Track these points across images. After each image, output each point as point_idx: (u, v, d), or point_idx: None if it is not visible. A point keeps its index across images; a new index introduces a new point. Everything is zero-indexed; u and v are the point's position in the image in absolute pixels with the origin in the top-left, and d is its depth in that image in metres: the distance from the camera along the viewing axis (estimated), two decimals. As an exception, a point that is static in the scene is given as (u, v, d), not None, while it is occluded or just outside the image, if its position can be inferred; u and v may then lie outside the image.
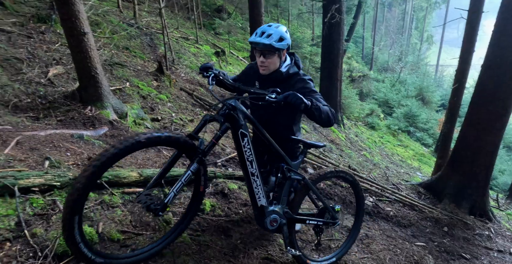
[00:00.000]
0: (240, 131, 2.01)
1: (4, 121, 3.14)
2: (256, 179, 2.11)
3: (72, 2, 3.69)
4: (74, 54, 3.78)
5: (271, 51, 2.16)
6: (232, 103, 2.00)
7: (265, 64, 2.21)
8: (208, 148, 1.97)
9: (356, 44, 25.30)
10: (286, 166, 2.31)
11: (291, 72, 2.30)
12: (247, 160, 2.06)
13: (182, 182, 1.86)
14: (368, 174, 6.26)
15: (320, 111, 2.09)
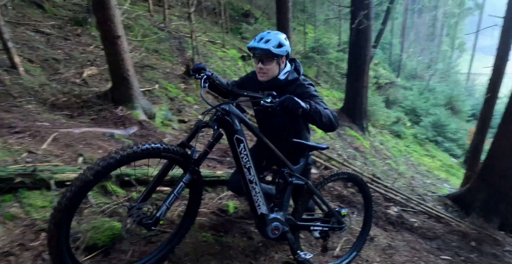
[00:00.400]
0: (235, 137, 1.90)
1: (43, 118, 3.32)
2: (255, 186, 2.01)
3: (108, 7, 3.87)
4: (108, 56, 3.96)
5: (269, 57, 2.09)
6: (225, 108, 1.88)
7: (263, 71, 2.13)
8: (201, 157, 1.85)
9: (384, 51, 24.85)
10: (287, 170, 2.19)
11: (290, 78, 2.20)
12: (245, 167, 1.95)
13: (175, 195, 1.76)
14: (393, 183, 6.11)
15: (321, 115, 1.93)
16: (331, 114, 2.01)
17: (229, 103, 1.90)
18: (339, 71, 14.32)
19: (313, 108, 1.89)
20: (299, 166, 2.26)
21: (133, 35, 7.58)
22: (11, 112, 3.29)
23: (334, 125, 2.04)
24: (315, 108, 1.91)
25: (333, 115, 2.03)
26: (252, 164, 1.97)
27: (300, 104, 1.80)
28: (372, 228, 3.94)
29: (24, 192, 2.13)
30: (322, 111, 1.95)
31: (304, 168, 2.32)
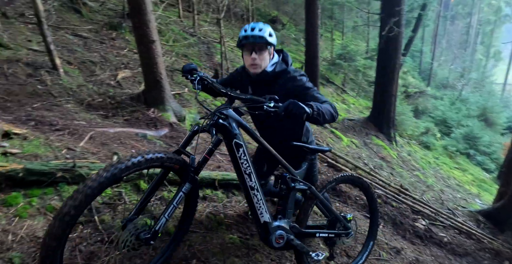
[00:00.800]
0: (234, 142, 1.80)
1: (80, 117, 3.48)
2: (257, 193, 1.90)
3: (145, 12, 4.02)
4: (142, 59, 4.11)
5: (263, 46, 2.00)
6: (223, 112, 1.79)
7: (256, 62, 2.01)
8: (200, 165, 1.76)
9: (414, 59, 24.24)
10: (289, 175, 2.09)
11: (278, 70, 2.08)
12: (245, 173, 1.85)
13: (174, 206, 1.66)
14: (421, 195, 5.92)
15: (323, 115, 1.83)
16: (331, 108, 1.92)
17: (227, 107, 1.81)
18: (367, 78, 14.10)
19: (316, 111, 1.78)
20: (301, 170, 2.18)
21: (165, 40, 7.82)
22: (52, 111, 3.47)
23: (335, 117, 1.95)
24: (318, 109, 1.79)
25: (333, 108, 1.94)
26: (252, 169, 1.87)
27: (305, 109, 1.70)
28: (399, 240, 3.84)
29: (63, 186, 2.24)
30: (324, 110, 1.84)
31: (307, 172, 2.24)
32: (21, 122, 3.13)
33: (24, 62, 4.32)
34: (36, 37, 5.38)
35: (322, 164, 4.82)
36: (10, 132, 2.87)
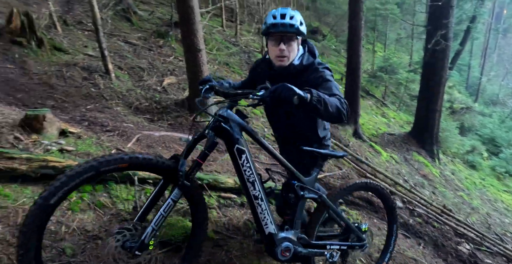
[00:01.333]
0: (236, 147, 1.67)
1: (128, 120, 3.68)
2: (261, 202, 1.76)
3: (193, 22, 4.20)
4: (188, 67, 4.27)
5: (293, 36, 1.80)
6: (223, 114, 1.66)
7: (284, 53, 1.82)
8: (192, 170, 1.63)
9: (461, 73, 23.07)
10: (298, 183, 1.93)
11: (306, 63, 1.89)
12: (248, 181, 1.72)
13: (162, 214, 1.55)
14: (466, 218, 5.56)
15: (326, 104, 1.58)
16: (339, 102, 1.68)
17: (226, 108, 1.69)
18: (409, 92, 13.61)
19: (316, 97, 1.55)
20: (311, 178, 2.00)
21: (208, 49, 8.07)
22: (103, 113, 3.70)
23: (343, 114, 1.68)
24: (318, 96, 1.56)
25: (342, 104, 1.69)
26: (256, 177, 1.74)
27: (295, 91, 1.48)
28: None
29: (112, 184, 2.37)
30: (327, 99, 1.60)
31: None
32: (76, 122, 3.36)
33: (80, 66, 4.66)
34: (92, 43, 5.78)
35: (360, 178, 4.69)
36: (67, 130, 3.09)
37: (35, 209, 1.32)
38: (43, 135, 2.91)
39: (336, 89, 1.80)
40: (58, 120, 3.11)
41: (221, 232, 2.28)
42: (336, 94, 1.75)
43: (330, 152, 2.05)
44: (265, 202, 1.79)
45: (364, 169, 4.93)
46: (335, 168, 4.70)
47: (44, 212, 1.34)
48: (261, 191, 1.77)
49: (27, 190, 2.26)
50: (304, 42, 1.99)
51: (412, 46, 17.85)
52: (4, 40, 4.58)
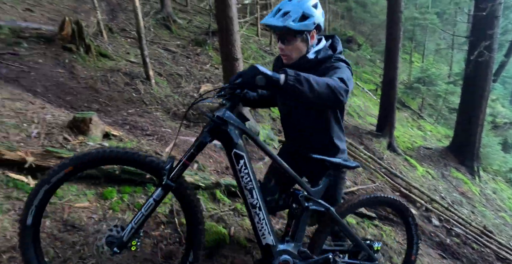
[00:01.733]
0: (234, 152, 1.56)
1: (166, 125, 3.81)
2: (259, 212, 1.65)
3: (232, 32, 4.30)
4: (226, 75, 4.37)
5: (290, 35, 1.65)
6: (221, 116, 1.54)
7: (284, 52, 1.72)
8: (177, 170, 1.53)
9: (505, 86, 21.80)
10: (302, 194, 1.78)
11: (321, 57, 1.72)
12: (245, 189, 1.62)
13: (143, 213, 1.51)
14: (508, 241, 5.21)
15: (310, 83, 1.37)
16: (331, 80, 1.45)
17: (225, 109, 1.57)
18: (448, 105, 13.06)
19: (293, 76, 1.36)
20: (319, 188, 1.82)
21: (244, 57, 8.22)
22: (143, 117, 3.86)
23: (339, 93, 1.43)
24: (297, 75, 1.37)
25: (334, 85, 1.43)
26: (255, 185, 1.63)
27: (258, 70, 1.33)
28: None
29: (150, 187, 2.47)
30: (312, 78, 1.40)
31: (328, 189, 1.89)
32: (118, 125, 3.53)
33: (123, 71, 4.90)
34: (134, 50, 6.08)
35: (394, 193, 4.55)
36: (110, 133, 3.25)
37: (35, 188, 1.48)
38: (88, 137, 3.08)
39: (341, 74, 1.55)
40: (102, 123, 3.28)
41: (254, 240, 2.29)
42: (335, 79, 1.48)
43: (342, 162, 1.85)
44: (264, 212, 1.67)
45: (399, 183, 4.77)
46: (368, 181, 4.59)
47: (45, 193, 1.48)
48: (260, 199, 1.65)
49: (72, 188, 2.39)
50: (331, 37, 1.83)
51: (452, 57, 17.18)
52: (56, 46, 4.92)
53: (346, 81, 1.49)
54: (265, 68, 1.35)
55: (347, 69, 1.66)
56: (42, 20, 6.64)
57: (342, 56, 1.77)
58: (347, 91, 1.46)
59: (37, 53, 4.60)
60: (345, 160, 1.88)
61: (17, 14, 6.32)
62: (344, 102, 1.47)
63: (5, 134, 2.78)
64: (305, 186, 1.79)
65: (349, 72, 1.65)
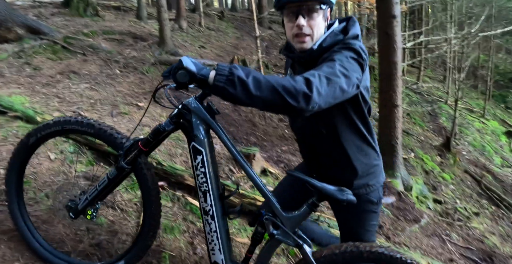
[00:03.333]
0: (192, 145, 1.37)
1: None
2: (211, 221, 1.39)
3: (394, 78, 4.13)
4: (381, 121, 4.20)
5: (315, 6, 1.25)
6: (186, 104, 1.37)
7: (305, 30, 1.26)
8: (133, 155, 1.44)
9: None
10: (268, 216, 1.37)
11: (327, 44, 1.28)
12: (199, 189, 1.39)
13: (96, 188, 1.54)
14: None
15: (245, 85, 0.99)
16: (280, 82, 1.01)
17: (193, 97, 1.38)
18: None
19: (225, 74, 1.01)
20: (294, 215, 1.36)
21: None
22: (296, 156, 4.01)
23: (288, 99, 1.00)
24: (230, 74, 1.01)
25: (287, 85, 1.01)
26: (211, 187, 1.37)
27: (182, 64, 1.06)
28: None
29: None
30: (251, 80, 1.00)
31: (352, 225, 1.43)
32: (273, 162, 3.74)
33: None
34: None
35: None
36: (267, 170, 3.47)
37: (18, 146, 1.69)
38: (250, 171, 3.35)
39: (327, 69, 1.11)
40: (263, 160, 3.54)
41: None
42: (309, 74, 1.07)
43: (329, 189, 1.28)
44: (217, 222, 1.40)
45: None
46: None
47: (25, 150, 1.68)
48: (214, 206, 1.39)
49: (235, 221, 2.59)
50: (346, 20, 1.39)
51: None
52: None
53: (326, 79, 1.06)
54: (193, 62, 1.10)
55: (351, 61, 1.18)
56: (212, 56, 7.82)
57: (355, 41, 1.27)
58: (308, 96, 1.01)
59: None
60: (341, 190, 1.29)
61: (195, 51, 7.62)
62: (303, 109, 1.02)
63: (186, 159, 3.27)
64: (274, 207, 1.37)
65: (352, 65, 1.17)
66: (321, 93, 1.03)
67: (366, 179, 1.42)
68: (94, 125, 1.54)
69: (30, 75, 3.93)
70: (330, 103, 1.10)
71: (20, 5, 7.05)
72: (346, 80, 1.10)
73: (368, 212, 1.45)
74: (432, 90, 10.54)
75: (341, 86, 1.09)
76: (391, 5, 4.02)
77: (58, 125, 1.57)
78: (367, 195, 1.42)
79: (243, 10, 19.27)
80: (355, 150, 1.39)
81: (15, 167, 1.71)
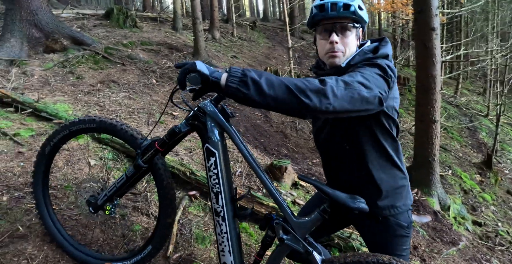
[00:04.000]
0: (206, 146, 1.40)
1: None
2: (222, 222, 1.40)
3: (433, 92, 3.98)
4: (418, 137, 4.04)
5: (349, 23, 1.29)
6: (202, 106, 1.41)
7: (338, 48, 1.29)
8: (150, 154, 1.51)
9: None
10: (279, 220, 1.36)
11: (355, 62, 1.29)
12: (212, 190, 1.41)
13: (115, 185, 1.62)
14: None
15: (256, 87, 0.99)
16: (293, 81, 1.01)
17: (209, 100, 1.41)
18: None
19: (238, 76, 1.01)
20: (304, 221, 1.32)
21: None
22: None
23: (301, 97, 0.99)
24: (243, 76, 1.00)
25: (300, 84, 1.00)
26: (223, 189, 1.39)
27: (195, 67, 1.08)
28: None
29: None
30: (264, 79, 1.00)
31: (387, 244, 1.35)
32: (304, 175, 3.70)
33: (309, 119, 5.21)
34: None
35: None
36: (298, 183, 3.43)
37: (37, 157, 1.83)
38: (280, 184, 3.32)
39: (350, 77, 1.10)
40: (294, 172, 3.51)
41: None
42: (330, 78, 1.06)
43: (340, 196, 1.24)
44: (228, 224, 1.41)
45: None
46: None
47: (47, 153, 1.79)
48: (226, 208, 1.40)
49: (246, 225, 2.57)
50: (379, 40, 1.40)
51: None
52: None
53: (344, 83, 1.05)
54: (205, 65, 1.11)
55: (375, 76, 1.16)
56: (244, 65, 7.93)
57: (384, 60, 1.26)
58: (322, 94, 1.00)
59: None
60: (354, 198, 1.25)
61: (228, 61, 7.75)
62: (316, 108, 1.00)
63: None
64: (286, 212, 1.35)
65: (375, 79, 1.14)
66: (337, 94, 1.02)
67: (391, 200, 1.36)
68: (116, 125, 1.63)
69: (73, 84, 4.16)
70: (348, 109, 1.05)
71: (66, 17, 7.51)
72: (366, 90, 1.08)
73: (398, 237, 1.39)
74: (471, 103, 10.07)
75: (360, 93, 1.06)
76: (430, 17, 3.90)
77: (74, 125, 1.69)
78: (395, 218, 1.36)
79: (274, 20, 19.48)
80: (379, 169, 1.35)
81: (39, 177, 1.85)
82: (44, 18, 4.85)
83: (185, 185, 2.65)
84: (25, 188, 2.25)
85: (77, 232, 2.00)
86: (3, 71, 4.13)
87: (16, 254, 1.77)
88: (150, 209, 2.33)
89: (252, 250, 2.29)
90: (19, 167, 2.45)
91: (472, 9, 8.10)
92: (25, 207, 2.09)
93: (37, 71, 4.26)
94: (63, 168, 2.52)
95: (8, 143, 2.71)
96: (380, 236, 1.41)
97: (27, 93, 3.64)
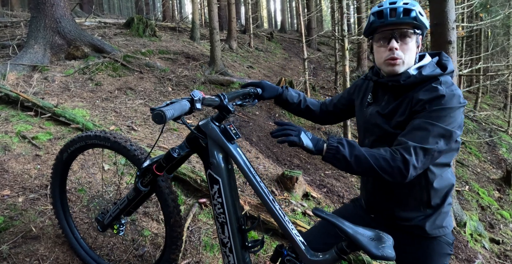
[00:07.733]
0: (208, 173, 1.29)
1: (361, 194, 3.71)
2: (229, 253, 1.30)
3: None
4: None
5: (409, 31, 1.22)
6: (202, 126, 1.29)
7: (397, 55, 1.22)
8: (148, 178, 1.43)
9: None
10: (290, 256, 1.25)
11: (426, 73, 1.21)
12: (217, 220, 1.31)
13: (118, 207, 1.57)
14: None
15: (346, 164, 1.10)
16: (377, 157, 1.08)
17: (209, 118, 1.29)
18: None
19: (332, 150, 1.10)
20: (321, 259, 1.18)
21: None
22: (339, 181, 3.89)
23: (389, 173, 1.07)
24: (336, 152, 1.10)
25: (381, 162, 1.07)
26: (228, 218, 1.28)
27: (300, 141, 1.12)
28: None
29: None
30: (350, 156, 1.09)
31: None
32: (316, 186, 3.65)
33: (323, 130, 5.18)
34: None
35: None
36: (309, 194, 3.39)
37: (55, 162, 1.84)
38: (291, 194, 3.29)
39: (429, 134, 1.09)
40: (305, 183, 3.48)
41: None
42: (413, 141, 1.09)
43: (362, 239, 1.08)
44: (235, 256, 1.31)
45: None
46: None
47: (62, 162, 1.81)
48: (233, 239, 1.30)
49: (274, 243, 2.54)
50: (436, 54, 1.34)
51: None
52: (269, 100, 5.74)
53: (422, 150, 1.08)
54: (309, 137, 1.15)
55: (452, 114, 1.12)
56: (259, 76, 7.99)
57: (450, 80, 1.23)
58: (403, 175, 1.08)
59: (257, 106, 5.46)
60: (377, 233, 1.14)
61: (244, 71, 7.83)
62: (406, 178, 1.09)
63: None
64: (299, 249, 1.23)
65: (452, 118, 1.12)
66: (417, 167, 1.09)
67: (440, 219, 1.27)
68: (130, 150, 1.56)
69: (92, 90, 4.28)
70: (428, 166, 1.17)
71: (88, 25, 7.79)
72: (445, 142, 1.12)
73: (445, 255, 1.29)
74: (490, 118, 9.83)
75: (439, 150, 1.12)
76: (446, 30, 3.86)
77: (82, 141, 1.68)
78: (445, 237, 1.29)
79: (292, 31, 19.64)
80: (438, 186, 1.25)
81: (56, 181, 1.87)
82: (67, 26, 5.03)
83: (195, 192, 2.66)
84: (40, 190, 2.30)
85: (88, 235, 2.03)
86: (26, 76, 4.29)
87: (28, 254, 1.80)
88: (160, 215, 2.34)
89: (260, 260, 2.26)
90: (36, 169, 2.52)
91: (491, 23, 7.97)
92: (39, 208, 2.14)
93: (58, 77, 4.40)
94: (78, 172, 2.57)
95: (27, 146, 2.79)
96: (424, 253, 1.29)
97: (47, 98, 3.76)
